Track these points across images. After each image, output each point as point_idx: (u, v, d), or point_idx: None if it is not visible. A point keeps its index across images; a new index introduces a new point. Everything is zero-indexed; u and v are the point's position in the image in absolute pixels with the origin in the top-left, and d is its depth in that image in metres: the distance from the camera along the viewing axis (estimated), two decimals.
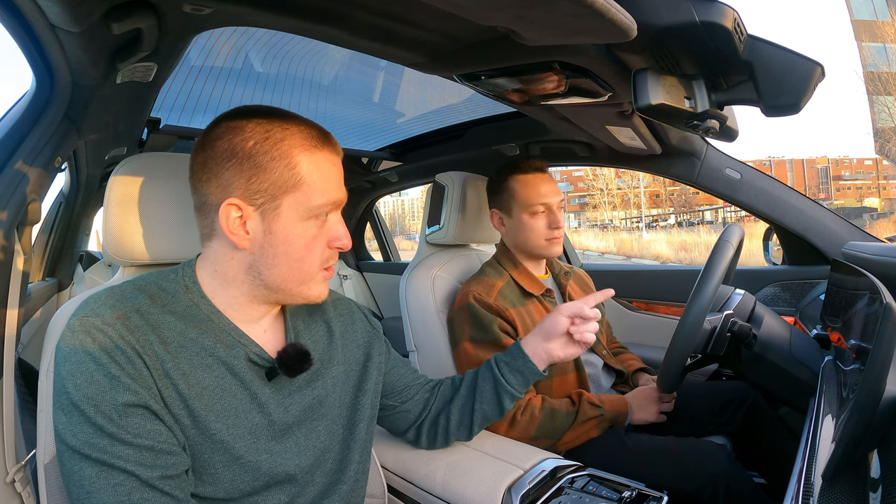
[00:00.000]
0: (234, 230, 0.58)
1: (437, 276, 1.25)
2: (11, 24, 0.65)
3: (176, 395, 0.55)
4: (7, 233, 0.74)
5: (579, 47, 0.74)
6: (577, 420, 1.05)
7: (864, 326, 0.65)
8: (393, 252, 2.96)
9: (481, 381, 0.86)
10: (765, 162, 42.46)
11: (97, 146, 1.42)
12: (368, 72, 1.50)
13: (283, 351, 0.62)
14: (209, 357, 0.58)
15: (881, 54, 23.63)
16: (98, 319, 0.54)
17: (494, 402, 0.85)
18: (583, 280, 1.40)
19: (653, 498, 0.74)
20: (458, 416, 0.86)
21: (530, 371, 0.84)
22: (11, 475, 0.70)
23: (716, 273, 0.91)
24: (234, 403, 0.59)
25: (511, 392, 0.84)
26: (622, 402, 1.11)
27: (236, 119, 0.59)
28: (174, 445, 0.54)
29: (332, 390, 0.69)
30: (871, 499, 0.43)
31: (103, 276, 2.60)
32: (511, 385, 0.84)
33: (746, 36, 0.70)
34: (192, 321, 0.59)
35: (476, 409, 0.85)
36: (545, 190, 1.20)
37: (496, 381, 0.84)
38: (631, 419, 1.11)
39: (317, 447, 0.66)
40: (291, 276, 0.61)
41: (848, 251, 1.22)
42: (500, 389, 0.84)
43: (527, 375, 0.84)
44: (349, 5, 0.67)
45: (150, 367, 0.54)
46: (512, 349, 0.86)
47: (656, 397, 1.13)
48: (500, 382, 0.84)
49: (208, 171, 0.58)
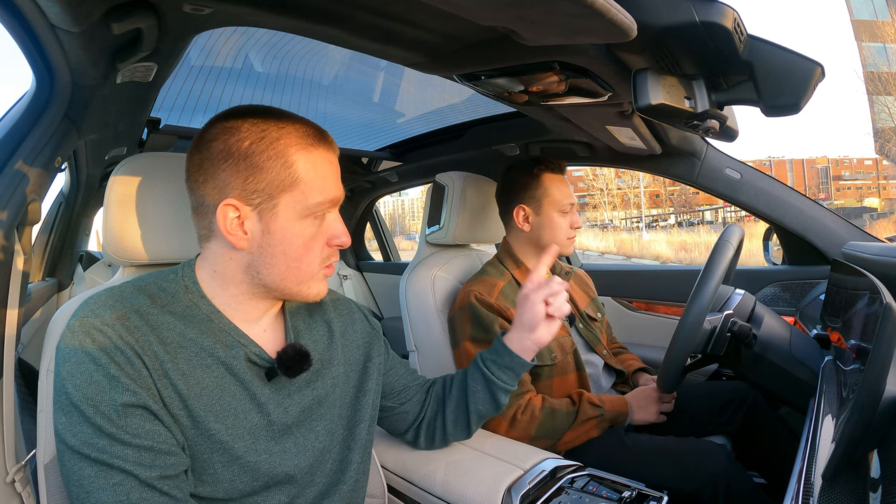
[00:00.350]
0: (231, 231, 0.58)
1: (438, 276, 1.25)
2: (11, 24, 0.65)
3: (175, 396, 0.55)
4: (7, 233, 0.74)
5: (579, 47, 0.74)
6: (577, 420, 1.05)
7: (864, 326, 0.65)
8: (393, 252, 2.95)
9: (471, 381, 0.86)
10: (765, 162, 42.45)
11: (97, 146, 1.42)
12: (368, 72, 1.50)
13: (282, 351, 0.62)
14: (208, 357, 0.58)
15: (881, 54, 23.63)
16: (98, 320, 0.54)
17: (489, 400, 0.85)
18: (583, 280, 1.41)
19: (653, 498, 0.74)
20: (454, 416, 0.86)
21: (519, 365, 0.84)
22: (11, 475, 0.70)
23: (716, 273, 0.91)
24: (234, 404, 0.59)
25: (504, 388, 0.84)
26: (622, 402, 1.11)
27: (231, 120, 0.59)
28: (173, 446, 0.54)
29: (331, 391, 0.69)
30: (871, 499, 0.43)
31: (103, 276, 2.60)
32: (502, 381, 0.84)
33: (746, 36, 0.70)
34: (191, 321, 0.59)
35: (471, 409, 0.85)
36: (570, 190, 1.25)
37: (487, 380, 0.84)
38: (631, 419, 1.11)
39: (316, 447, 0.66)
40: (290, 276, 0.61)
41: (848, 251, 1.22)
42: (492, 387, 0.84)
43: (516, 369, 0.84)
44: (349, 5, 0.67)
45: (149, 367, 0.54)
46: (496, 347, 0.85)
47: (656, 397, 1.13)
48: (492, 380, 0.84)
49: (204, 173, 0.58)
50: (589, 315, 1.30)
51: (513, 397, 1.04)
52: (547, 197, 1.21)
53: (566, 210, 1.22)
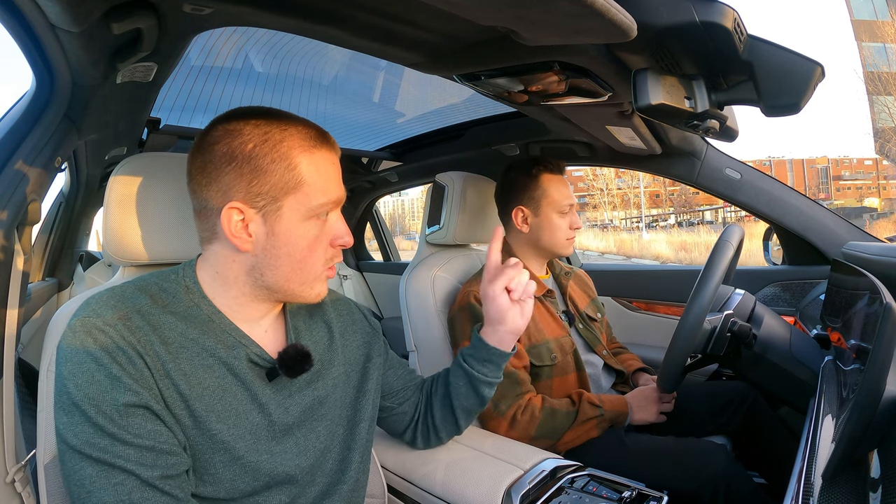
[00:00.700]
0: (236, 233, 0.58)
1: (438, 276, 1.25)
2: (11, 24, 0.65)
3: (177, 396, 0.55)
4: (7, 233, 0.74)
5: (579, 47, 0.74)
6: (577, 420, 1.05)
7: (864, 326, 0.65)
8: (393, 252, 2.96)
9: (453, 378, 0.85)
10: (765, 162, 42.45)
11: (97, 146, 1.42)
12: (368, 72, 1.50)
13: (283, 352, 0.62)
14: (210, 357, 0.58)
15: (881, 54, 23.63)
16: (99, 320, 0.54)
17: (472, 395, 0.84)
18: (583, 280, 1.41)
19: (653, 498, 0.74)
20: (441, 413, 0.86)
21: (497, 356, 0.82)
22: (11, 475, 0.70)
23: (716, 273, 0.91)
24: (235, 404, 0.59)
25: (486, 381, 0.83)
26: (622, 402, 1.11)
27: (233, 122, 0.59)
28: (175, 446, 0.54)
29: (332, 391, 0.69)
30: (871, 499, 0.43)
31: (103, 276, 2.60)
32: (483, 374, 0.82)
33: (746, 36, 0.70)
34: (193, 321, 0.59)
35: (455, 406, 0.85)
36: (569, 191, 1.24)
37: (469, 375, 0.83)
38: (631, 419, 1.11)
39: (317, 447, 0.66)
40: (294, 277, 0.61)
41: (848, 251, 1.22)
42: (474, 382, 0.83)
43: (496, 361, 0.83)
44: (349, 5, 0.67)
45: (151, 367, 0.54)
46: (474, 341, 0.84)
47: (656, 397, 1.13)
48: (473, 375, 0.82)
49: (207, 176, 0.58)
50: (589, 315, 1.30)
51: (512, 397, 1.04)
52: (546, 198, 1.21)
53: (565, 211, 1.21)
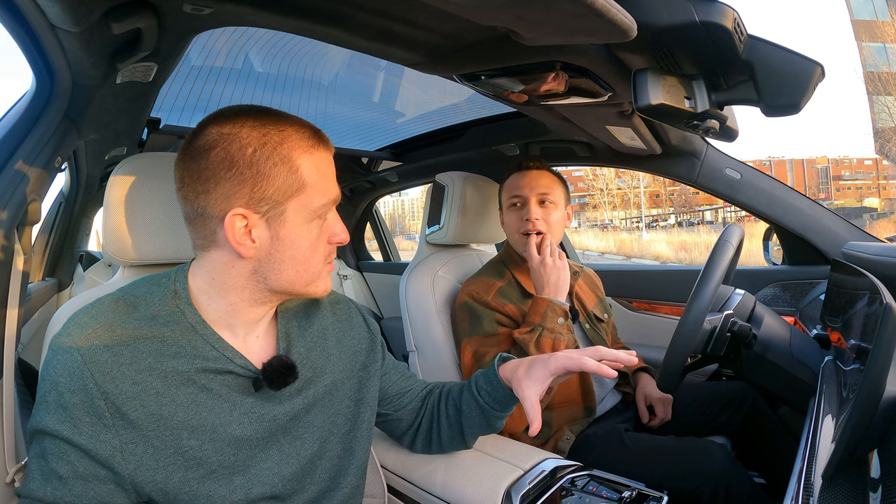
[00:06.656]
0: (240, 240, 0.56)
1: (438, 277, 1.25)
2: (11, 24, 0.65)
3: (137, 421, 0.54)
4: (7, 233, 0.74)
5: (579, 47, 0.74)
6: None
7: (864, 326, 0.65)
8: (393, 252, 2.95)
9: (466, 407, 0.82)
10: (765, 162, 42.48)
11: (97, 146, 1.42)
12: (368, 72, 1.50)
13: (267, 364, 0.61)
14: (184, 372, 0.57)
15: (881, 54, 23.63)
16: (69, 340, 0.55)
17: (485, 425, 0.82)
18: (592, 280, 1.38)
19: (653, 498, 0.73)
20: (449, 433, 0.84)
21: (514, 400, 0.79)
22: (11, 475, 0.70)
23: (716, 273, 0.90)
24: (211, 418, 0.57)
25: (500, 415, 0.81)
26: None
27: (226, 125, 0.56)
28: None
29: (321, 398, 0.68)
30: (871, 499, 0.43)
31: (103, 276, 2.60)
32: (499, 410, 0.80)
33: (746, 36, 0.70)
34: (174, 328, 0.58)
35: (466, 433, 0.83)
36: (522, 182, 1.17)
37: (483, 411, 0.81)
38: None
39: (303, 455, 0.64)
40: (298, 278, 0.61)
41: (848, 251, 1.22)
42: (489, 417, 0.81)
43: (510, 403, 0.80)
44: (349, 5, 0.67)
45: (108, 406, 0.53)
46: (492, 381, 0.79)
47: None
48: (488, 411, 0.80)
49: (204, 183, 0.56)
50: (596, 315, 1.29)
51: None
52: (504, 194, 1.22)
53: (512, 204, 1.19)
